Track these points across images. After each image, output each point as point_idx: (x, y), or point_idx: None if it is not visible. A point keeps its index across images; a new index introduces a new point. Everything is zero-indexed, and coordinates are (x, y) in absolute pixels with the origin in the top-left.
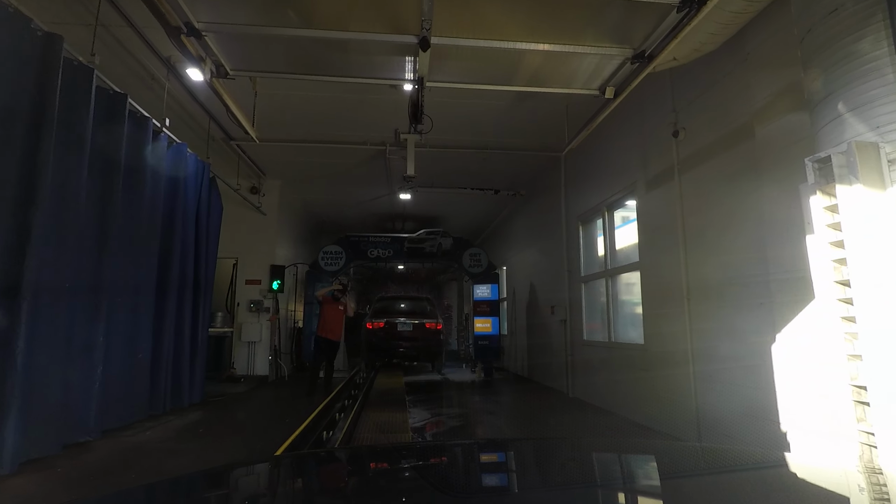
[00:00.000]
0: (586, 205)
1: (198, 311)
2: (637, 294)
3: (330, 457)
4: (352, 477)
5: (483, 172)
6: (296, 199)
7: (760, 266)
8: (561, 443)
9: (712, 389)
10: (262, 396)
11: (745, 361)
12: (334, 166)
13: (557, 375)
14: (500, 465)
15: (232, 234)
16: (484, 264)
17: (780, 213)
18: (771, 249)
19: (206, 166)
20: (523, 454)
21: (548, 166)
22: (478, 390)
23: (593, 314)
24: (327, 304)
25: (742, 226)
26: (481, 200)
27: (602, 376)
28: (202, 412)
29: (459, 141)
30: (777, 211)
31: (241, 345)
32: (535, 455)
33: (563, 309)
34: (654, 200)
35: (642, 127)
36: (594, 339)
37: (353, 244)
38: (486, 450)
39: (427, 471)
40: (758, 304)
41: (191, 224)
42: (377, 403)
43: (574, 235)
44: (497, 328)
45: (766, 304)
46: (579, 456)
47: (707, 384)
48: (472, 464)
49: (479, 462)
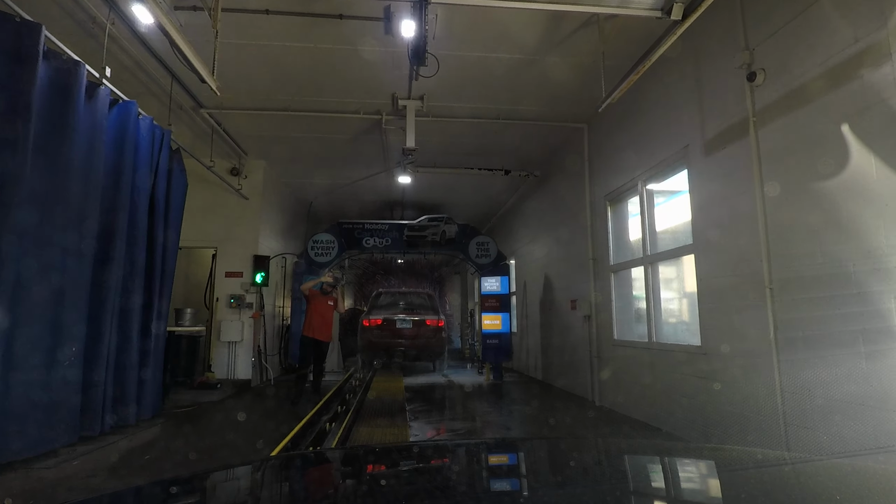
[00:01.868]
0: (616, 182)
1: (152, 305)
2: (688, 284)
3: (331, 456)
4: (352, 477)
5: (492, 150)
6: (282, 183)
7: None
8: (561, 443)
9: (810, 407)
10: (238, 406)
11: (871, 384)
12: (323, 142)
13: (579, 379)
14: (501, 466)
15: (210, 221)
16: (493, 254)
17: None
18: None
19: (165, 134)
20: (524, 454)
21: (568, 140)
22: (488, 396)
23: (626, 309)
24: (315, 299)
25: (864, 195)
26: (488, 185)
27: (640, 383)
28: (158, 429)
29: (467, 109)
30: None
31: (220, 345)
32: (536, 455)
33: (587, 303)
34: (716, 166)
35: (698, 74)
36: (628, 338)
37: (347, 232)
38: (486, 450)
39: (427, 472)
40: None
41: (143, 201)
42: (373, 414)
43: (601, 218)
44: (508, 325)
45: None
46: (580, 456)
47: (801, 400)
48: (473, 464)
49: (479, 463)
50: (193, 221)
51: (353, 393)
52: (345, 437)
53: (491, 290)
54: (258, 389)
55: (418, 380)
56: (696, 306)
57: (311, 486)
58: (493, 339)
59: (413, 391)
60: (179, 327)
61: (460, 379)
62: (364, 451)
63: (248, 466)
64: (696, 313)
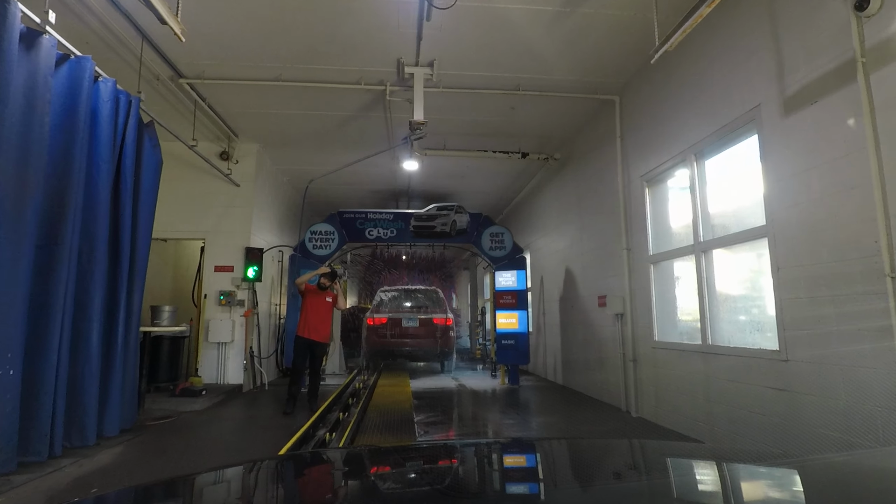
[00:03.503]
0: (656, 159)
1: (118, 301)
2: (755, 276)
3: (333, 457)
4: (355, 478)
5: (508, 130)
6: (278, 171)
7: None
8: (563, 443)
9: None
10: (223, 417)
11: None
12: (321, 121)
13: (610, 386)
14: (505, 467)
15: (198, 210)
16: (508, 246)
17: None
18: None
19: (133, 102)
20: (527, 455)
21: (596, 117)
22: (506, 404)
23: (669, 306)
24: (311, 294)
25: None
26: (501, 172)
27: (689, 393)
28: (121, 449)
29: (482, 80)
30: None
31: (208, 347)
32: (537, 456)
33: (620, 300)
34: (803, 127)
35: (774, 13)
36: (672, 339)
37: (348, 222)
38: (490, 451)
39: (432, 473)
40: None
41: (103, 178)
42: (376, 427)
43: (637, 202)
44: (525, 324)
45: None
46: (583, 457)
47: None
48: (479, 465)
49: (484, 464)
50: (180, 210)
51: (356, 397)
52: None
53: (506, 285)
54: (250, 396)
55: (426, 383)
56: (768, 302)
57: (313, 487)
58: (508, 340)
59: (421, 397)
60: (156, 327)
61: (472, 382)
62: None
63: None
64: (770, 311)
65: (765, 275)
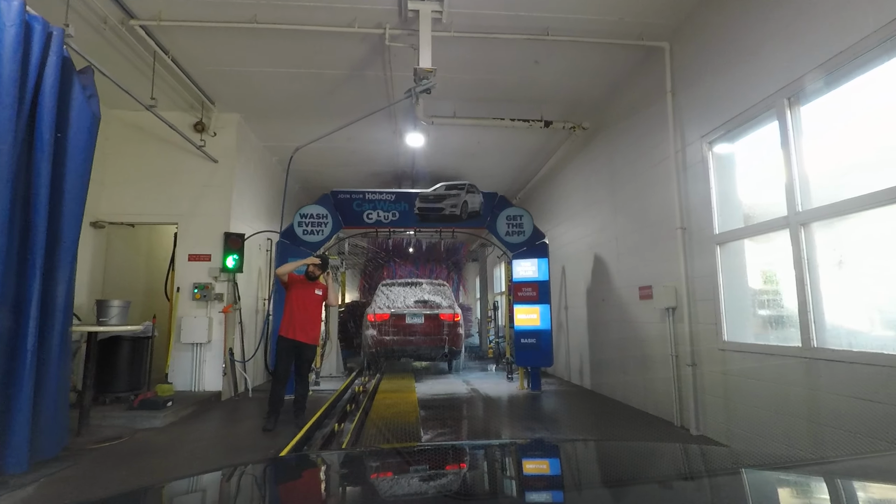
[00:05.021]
0: (725, 113)
1: (27, 297)
2: (876, 256)
3: (334, 458)
4: (356, 479)
5: (528, 94)
6: (264, 148)
7: None
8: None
9: None
10: (186, 437)
11: None
12: (310, 82)
13: (658, 395)
14: (506, 468)
15: (170, 190)
16: (527, 231)
17: None
18: None
19: (54, 35)
20: (530, 456)
21: (637, 70)
22: (532, 417)
23: (742, 297)
24: (297, 287)
25: None
26: (517, 149)
27: (780, 410)
28: (30, 492)
29: (501, 22)
30: None
31: (180, 349)
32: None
33: (671, 291)
34: None
35: None
36: (748, 339)
37: (344, 204)
38: (494, 453)
39: (435, 474)
40: None
41: (3, 135)
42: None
43: (696, 171)
44: (548, 320)
45: None
46: (586, 458)
47: None
48: (481, 467)
49: (487, 465)
50: (148, 191)
51: (355, 403)
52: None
53: (525, 275)
54: (228, 405)
55: (434, 387)
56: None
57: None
58: (528, 339)
59: (429, 406)
60: (103, 326)
61: (486, 386)
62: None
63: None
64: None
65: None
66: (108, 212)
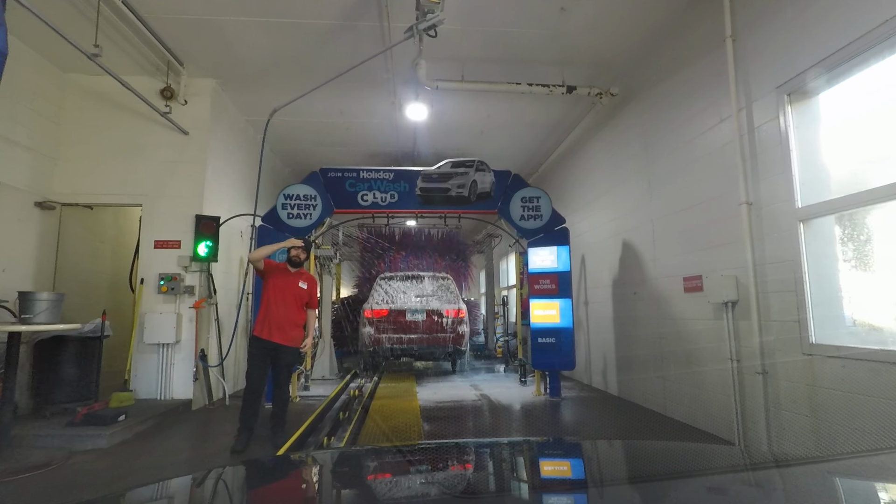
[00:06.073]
0: (815, 53)
1: None
2: None
3: (335, 457)
4: (356, 478)
5: (549, 55)
6: (246, 121)
7: None
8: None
9: None
10: (133, 463)
11: None
12: (294, 36)
13: (712, 408)
14: (507, 467)
15: (132, 167)
16: (545, 215)
17: None
18: None
19: None
20: (531, 456)
21: (682, 17)
22: (561, 430)
23: (837, 288)
24: (275, 276)
25: None
26: (531, 124)
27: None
28: None
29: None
30: None
31: (144, 350)
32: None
33: (731, 281)
34: None
35: None
36: (856, 344)
37: (335, 184)
38: (494, 451)
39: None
40: None
41: None
42: None
43: (768, 131)
44: (570, 317)
45: None
46: (587, 458)
47: None
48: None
49: (487, 463)
50: (108, 168)
51: (347, 411)
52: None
53: (543, 266)
54: (198, 417)
55: (438, 392)
56: None
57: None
58: (547, 338)
59: (433, 418)
60: (26, 324)
61: (497, 392)
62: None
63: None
64: None
65: None
66: (61, 191)
